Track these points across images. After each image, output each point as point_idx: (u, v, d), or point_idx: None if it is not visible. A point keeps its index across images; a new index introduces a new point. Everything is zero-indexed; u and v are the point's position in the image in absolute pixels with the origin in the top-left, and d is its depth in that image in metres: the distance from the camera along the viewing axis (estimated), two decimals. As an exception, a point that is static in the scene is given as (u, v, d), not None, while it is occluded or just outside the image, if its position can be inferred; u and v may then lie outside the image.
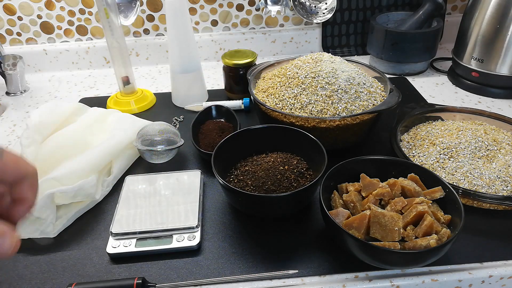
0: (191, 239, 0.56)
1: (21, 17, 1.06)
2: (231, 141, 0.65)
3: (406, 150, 0.69)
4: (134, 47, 1.11)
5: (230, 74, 0.90)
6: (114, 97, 0.93)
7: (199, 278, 0.52)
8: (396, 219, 0.50)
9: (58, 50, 1.09)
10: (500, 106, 0.88)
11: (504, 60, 0.86)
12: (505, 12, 0.83)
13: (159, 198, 0.63)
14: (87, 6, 1.06)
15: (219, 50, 1.13)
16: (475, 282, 0.53)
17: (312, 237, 0.58)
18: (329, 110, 0.67)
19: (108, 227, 0.59)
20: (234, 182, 0.62)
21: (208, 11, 1.09)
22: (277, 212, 0.59)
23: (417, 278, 0.52)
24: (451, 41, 1.08)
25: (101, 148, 0.67)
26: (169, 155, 0.71)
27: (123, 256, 0.56)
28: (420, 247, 0.48)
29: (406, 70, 1.01)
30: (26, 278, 0.53)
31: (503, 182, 0.60)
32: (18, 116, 0.93)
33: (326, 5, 1.01)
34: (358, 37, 1.12)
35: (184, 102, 0.90)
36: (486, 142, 0.66)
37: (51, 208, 0.58)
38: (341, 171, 0.58)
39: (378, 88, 0.74)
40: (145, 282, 0.51)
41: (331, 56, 0.76)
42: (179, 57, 0.85)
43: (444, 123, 0.74)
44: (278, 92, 0.72)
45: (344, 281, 0.52)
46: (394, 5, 1.09)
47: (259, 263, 0.54)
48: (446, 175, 0.62)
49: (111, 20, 0.81)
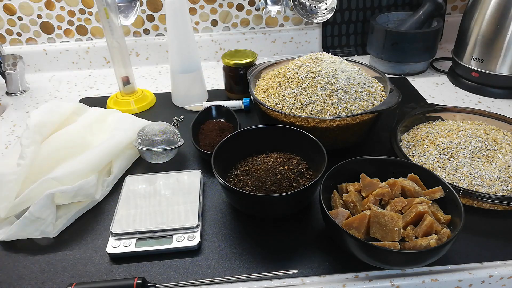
0: (191, 239, 0.56)
1: (21, 17, 1.06)
2: (231, 141, 0.65)
3: (406, 150, 0.69)
4: (134, 47, 1.11)
5: (230, 74, 0.90)
6: (114, 97, 0.93)
7: (199, 278, 0.52)
8: (396, 219, 0.50)
9: (58, 50, 1.09)
10: (500, 106, 0.88)
11: (504, 60, 0.86)
12: (505, 12, 0.83)
13: (159, 198, 0.63)
14: (87, 6, 1.06)
15: (219, 50, 1.13)
16: (475, 282, 0.53)
17: (312, 237, 0.58)
18: (329, 110, 0.67)
19: (108, 227, 0.59)
20: (234, 182, 0.62)
21: (208, 11, 1.09)
22: (277, 212, 0.59)
23: (417, 278, 0.52)
24: (451, 41, 1.08)
25: (101, 148, 0.67)
26: (169, 155, 0.71)
27: (123, 256, 0.56)
28: (420, 247, 0.48)
29: (406, 70, 1.01)
30: (26, 278, 0.53)
31: (503, 182, 0.60)
32: (18, 116, 0.93)
33: (326, 5, 1.01)
34: (358, 37, 1.12)
35: (184, 102, 0.90)
36: (486, 142, 0.66)
37: (51, 208, 0.58)
38: (341, 171, 0.58)
39: (378, 88, 0.74)
40: (145, 282, 0.51)
41: (331, 56, 0.76)
42: (179, 57, 0.85)
43: (444, 123, 0.74)
44: (278, 92, 0.72)
45: (344, 281, 0.52)
46: (394, 5, 1.09)
47: (259, 263, 0.54)
48: (446, 175, 0.62)
49: (111, 20, 0.81)
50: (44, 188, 0.59)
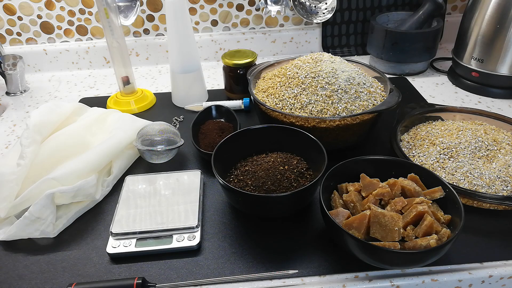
0: (191, 239, 0.56)
1: (21, 17, 1.06)
2: (231, 141, 0.65)
3: (406, 150, 0.69)
4: (134, 47, 1.11)
5: (230, 74, 0.90)
6: (114, 97, 0.93)
7: (199, 278, 0.52)
8: (396, 219, 0.50)
9: (58, 50, 1.09)
10: (500, 106, 0.88)
11: (504, 60, 0.86)
12: (505, 12, 0.83)
13: (159, 198, 0.63)
14: (87, 6, 1.06)
15: (219, 50, 1.13)
16: (475, 282, 0.53)
17: (312, 237, 0.58)
18: (329, 110, 0.67)
19: (108, 227, 0.59)
20: (234, 182, 0.62)
21: (208, 11, 1.09)
22: (277, 212, 0.59)
23: (417, 278, 0.52)
24: (451, 41, 1.08)
25: (101, 148, 0.67)
26: (169, 155, 0.71)
27: (123, 256, 0.56)
28: (420, 247, 0.48)
29: (406, 70, 1.01)
30: (26, 278, 0.53)
31: (503, 182, 0.60)
32: (18, 116, 0.93)
33: (326, 5, 1.01)
34: (358, 37, 1.12)
35: (184, 102, 0.90)
36: (486, 142, 0.66)
37: (51, 208, 0.58)
38: (341, 171, 0.58)
39: (378, 88, 0.74)
40: (145, 282, 0.51)
41: (331, 56, 0.76)
42: (179, 57, 0.85)
43: (444, 123, 0.74)
44: (278, 92, 0.72)
45: (344, 281, 0.52)
46: (394, 5, 1.09)
47: (259, 263, 0.54)
48: (446, 175, 0.62)
49: (111, 20, 0.81)
50: (44, 188, 0.59)
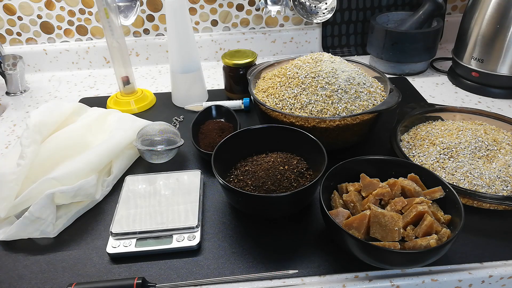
0: (191, 239, 0.56)
1: (21, 17, 1.06)
2: (231, 141, 0.65)
3: (406, 150, 0.69)
4: (134, 47, 1.11)
5: (230, 74, 0.90)
6: (114, 97, 0.93)
7: (199, 278, 0.52)
8: (396, 219, 0.50)
9: (58, 50, 1.09)
10: (500, 106, 0.88)
11: (504, 60, 0.86)
12: (505, 12, 0.83)
13: (159, 198, 0.63)
14: (87, 6, 1.06)
15: (219, 50, 1.13)
16: (475, 282, 0.53)
17: (312, 237, 0.58)
18: (329, 110, 0.67)
19: (108, 227, 0.59)
20: (234, 182, 0.62)
21: (208, 11, 1.09)
22: (277, 212, 0.59)
23: (417, 278, 0.52)
24: (451, 41, 1.08)
25: (101, 148, 0.67)
26: (169, 155, 0.71)
27: (123, 256, 0.56)
28: (420, 247, 0.48)
29: (406, 70, 1.01)
30: (26, 278, 0.53)
31: (503, 182, 0.60)
32: (18, 116, 0.93)
33: (326, 5, 1.01)
34: (358, 37, 1.12)
35: (184, 102, 0.90)
36: (486, 142, 0.66)
37: (51, 208, 0.58)
38: (341, 171, 0.58)
39: (378, 88, 0.74)
40: (145, 282, 0.51)
41: (331, 56, 0.76)
42: (179, 57, 0.85)
43: (444, 123, 0.74)
44: (278, 92, 0.72)
45: (344, 281, 0.52)
46: (394, 5, 1.09)
47: (259, 263, 0.54)
48: (446, 175, 0.62)
49: (111, 20, 0.81)
50: (44, 188, 0.59)
